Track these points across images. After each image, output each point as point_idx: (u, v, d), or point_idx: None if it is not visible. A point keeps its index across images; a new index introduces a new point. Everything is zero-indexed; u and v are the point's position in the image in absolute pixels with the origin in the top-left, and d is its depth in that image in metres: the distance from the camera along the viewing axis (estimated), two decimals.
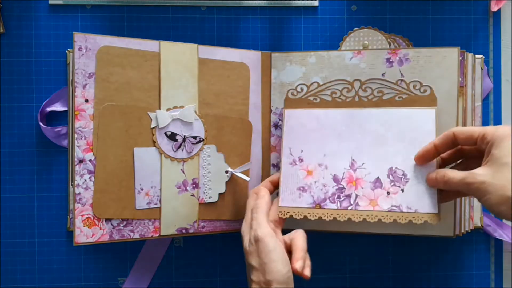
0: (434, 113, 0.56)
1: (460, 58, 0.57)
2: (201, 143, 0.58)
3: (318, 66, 0.59)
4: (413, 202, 0.55)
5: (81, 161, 0.54)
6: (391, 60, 0.57)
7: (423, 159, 0.54)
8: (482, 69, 0.63)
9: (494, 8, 0.64)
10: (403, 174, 0.55)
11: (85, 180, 0.54)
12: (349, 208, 0.57)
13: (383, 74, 0.58)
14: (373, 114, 0.57)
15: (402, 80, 0.57)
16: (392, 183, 0.56)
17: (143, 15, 0.63)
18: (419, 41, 0.64)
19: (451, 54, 0.56)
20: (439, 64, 0.56)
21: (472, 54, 0.62)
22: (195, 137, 0.57)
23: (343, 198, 0.57)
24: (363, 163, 0.57)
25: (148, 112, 0.56)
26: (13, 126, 0.61)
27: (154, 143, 0.56)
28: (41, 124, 0.60)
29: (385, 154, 0.56)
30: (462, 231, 0.59)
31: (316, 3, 0.64)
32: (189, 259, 0.63)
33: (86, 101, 0.54)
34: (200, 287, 0.63)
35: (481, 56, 0.63)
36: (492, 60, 0.65)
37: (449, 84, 0.56)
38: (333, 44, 0.64)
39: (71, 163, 0.60)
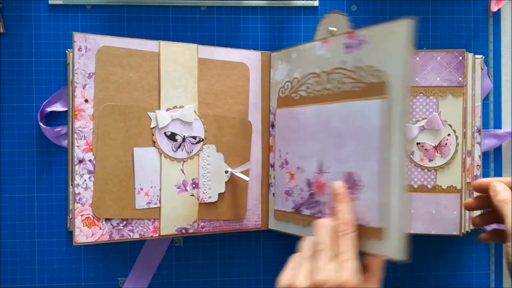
0: (382, 104, 0.45)
1: (461, 58, 0.57)
2: (201, 143, 0.58)
3: (298, 61, 0.55)
4: (363, 213, 0.45)
5: (81, 161, 0.54)
6: (349, 45, 0.49)
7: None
8: (482, 69, 0.63)
9: (494, 8, 0.64)
10: (358, 180, 0.46)
11: (85, 180, 0.54)
12: (316, 215, 0.51)
13: (342, 62, 0.49)
14: (335, 109, 0.49)
15: (359, 67, 0.48)
16: (350, 190, 0.47)
17: (143, 15, 0.63)
18: (419, 41, 0.64)
19: (401, 28, 0.43)
20: (390, 43, 0.44)
21: (472, 54, 0.61)
22: (194, 137, 0.57)
23: (313, 205, 0.52)
24: (329, 166, 0.50)
25: (148, 112, 0.56)
26: (13, 126, 0.61)
27: (154, 143, 0.56)
28: (41, 124, 0.60)
29: (343, 156, 0.48)
30: (462, 231, 0.59)
31: (316, 3, 0.64)
32: (189, 259, 0.63)
33: (86, 101, 0.54)
34: (200, 287, 0.63)
35: (481, 56, 0.63)
36: (492, 60, 0.65)
37: (402, 67, 0.43)
38: None
39: (71, 163, 0.60)
